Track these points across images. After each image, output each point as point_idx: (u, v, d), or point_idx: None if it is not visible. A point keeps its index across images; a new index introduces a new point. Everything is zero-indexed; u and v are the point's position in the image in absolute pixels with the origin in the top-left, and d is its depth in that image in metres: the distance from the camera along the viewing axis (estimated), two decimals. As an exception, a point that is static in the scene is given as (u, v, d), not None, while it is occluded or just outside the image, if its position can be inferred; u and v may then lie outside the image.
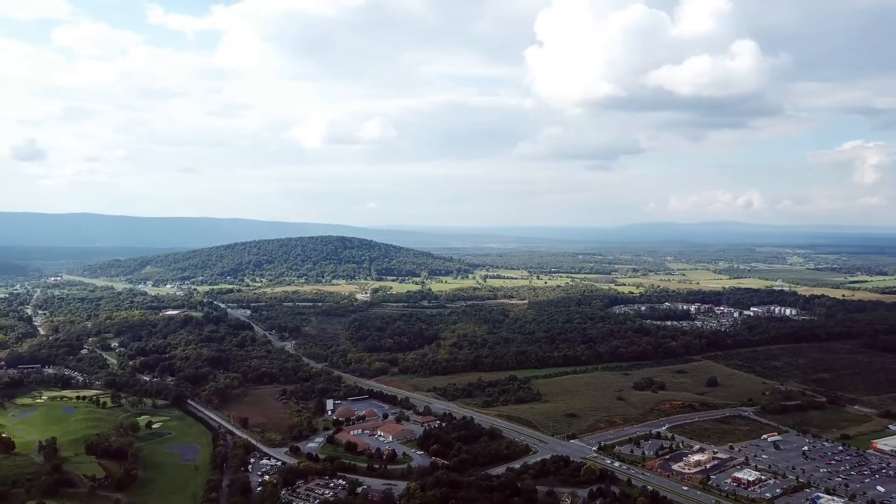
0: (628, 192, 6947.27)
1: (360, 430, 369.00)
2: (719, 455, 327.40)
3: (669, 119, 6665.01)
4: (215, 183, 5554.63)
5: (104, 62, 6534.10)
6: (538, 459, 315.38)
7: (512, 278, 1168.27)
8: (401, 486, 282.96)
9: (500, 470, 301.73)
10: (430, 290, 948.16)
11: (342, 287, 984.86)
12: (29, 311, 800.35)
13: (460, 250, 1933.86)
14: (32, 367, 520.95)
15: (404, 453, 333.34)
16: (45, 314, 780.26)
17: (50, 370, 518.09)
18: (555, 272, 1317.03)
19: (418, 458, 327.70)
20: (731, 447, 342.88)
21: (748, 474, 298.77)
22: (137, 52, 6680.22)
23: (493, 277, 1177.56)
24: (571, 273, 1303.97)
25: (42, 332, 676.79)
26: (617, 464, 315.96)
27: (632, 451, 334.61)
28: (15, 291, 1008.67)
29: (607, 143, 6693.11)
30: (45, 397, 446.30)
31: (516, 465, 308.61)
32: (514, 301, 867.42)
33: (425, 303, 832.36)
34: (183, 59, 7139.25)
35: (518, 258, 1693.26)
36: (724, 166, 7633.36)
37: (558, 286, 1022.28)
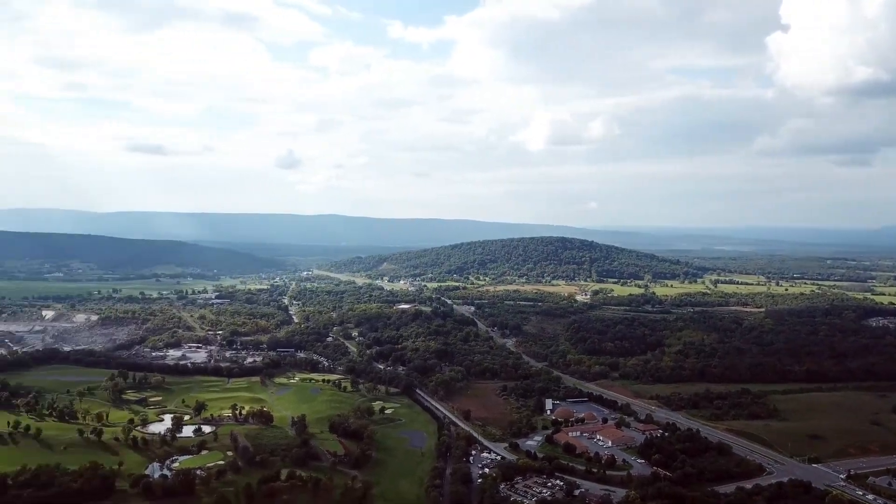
0: (892, 189, 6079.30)
1: (578, 433, 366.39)
2: None
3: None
4: (445, 186, 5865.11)
5: (350, 77, 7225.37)
6: (773, 482, 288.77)
7: (746, 284, 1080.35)
8: (619, 492, 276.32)
9: (728, 489, 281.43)
10: (653, 293, 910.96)
11: (562, 288, 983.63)
12: (286, 302, 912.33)
13: (688, 252, 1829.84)
14: (288, 351, 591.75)
15: (624, 460, 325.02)
16: (298, 304, 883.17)
17: (302, 354, 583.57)
18: (797, 278, 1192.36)
19: (639, 466, 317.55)
20: None
21: None
22: (379, 66, 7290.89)
23: (725, 282, 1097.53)
24: (818, 280, 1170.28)
25: (296, 320, 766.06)
26: (871, 496, 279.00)
27: (890, 485, 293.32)
28: (275, 284, 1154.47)
29: (866, 134, 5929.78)
30: (297, 378, 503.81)
31: (747, 485, 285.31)
32: (748, 308, 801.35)
33: (648, 307, 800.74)
34: (418, 70, 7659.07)
35: (754, 262, 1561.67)
36: None
37: (801, 294, 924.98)
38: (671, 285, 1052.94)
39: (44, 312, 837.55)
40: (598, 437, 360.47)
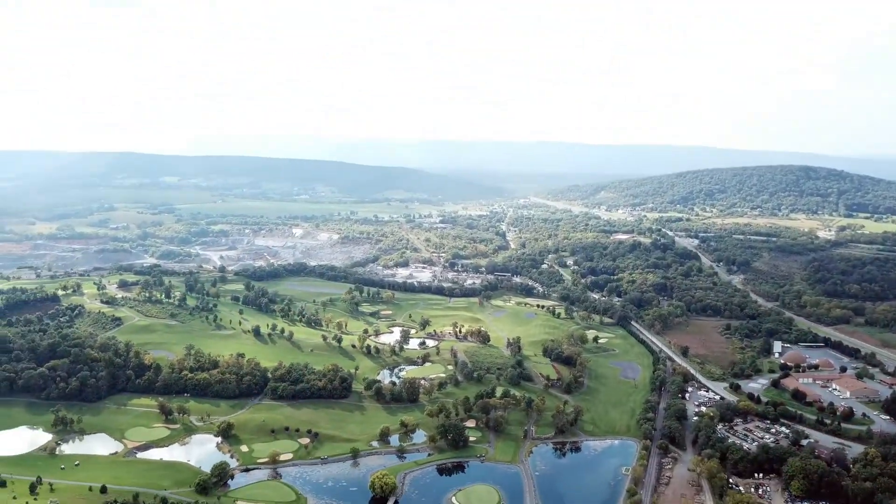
0: None
1: (810, 380, 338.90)
2: None
3: None
4: (670, 109, 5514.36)
5: None
6: None
7: None
8: (855, 448, 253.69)
9: None
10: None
11: (801, 222, 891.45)
12: (503, 228, 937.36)
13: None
14: (504, 275, 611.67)
15: (864, 414, 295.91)
16: (515, 231, 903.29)
17: (517, 279, 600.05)
18: None
19: (882, 422, 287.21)
20: None
21: None
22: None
23: None
24: None
25: (513, 246, 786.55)
26: None
27: None
28: (494, 210, 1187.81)
29: None
30: (513, 302, 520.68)
31: None
32: None
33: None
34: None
35: None
36: None
37: None
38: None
39: (294, 230, 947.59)
40: (833, 386, 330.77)
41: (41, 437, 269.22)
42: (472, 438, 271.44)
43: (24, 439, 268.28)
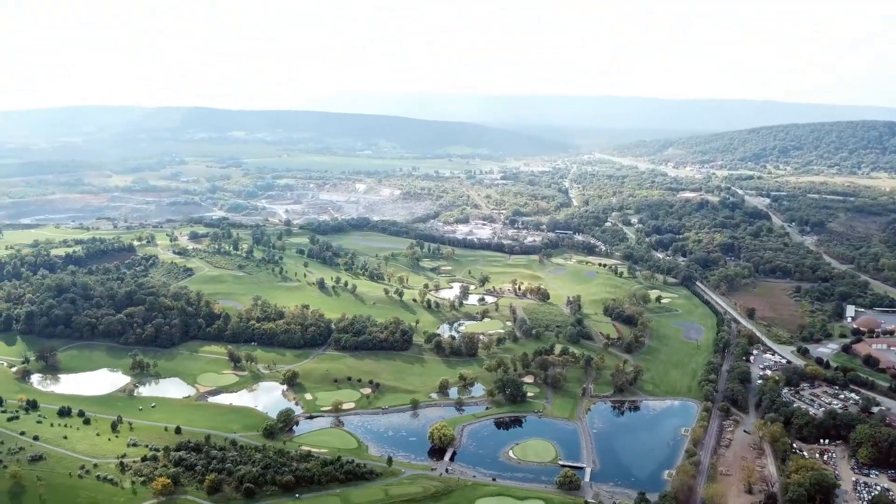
0: None
1: (885, 346, 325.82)
2: None
3: None
4: (743, 62, 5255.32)
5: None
6: None
7: None
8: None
9: None
10: None
11: (883, 182, 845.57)
12: (566, 184, 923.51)
13: None
14: (566, 233, 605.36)
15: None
16: (578, 188, 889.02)
17: (579, 237, 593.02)
18: None
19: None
20: None
21: None
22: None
23: None
24: None
25: (575, 203, 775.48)
26: None
27: None
28: (556, 166, 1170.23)
29: None
30: (573, 260, 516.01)
31: None
32: None
33: None
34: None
35: None
36: None
37: None
38: None
39: (357, 185, 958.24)
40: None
41: (120, 380, 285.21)
42: (529, 394, 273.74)
43: (105, 381, 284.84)
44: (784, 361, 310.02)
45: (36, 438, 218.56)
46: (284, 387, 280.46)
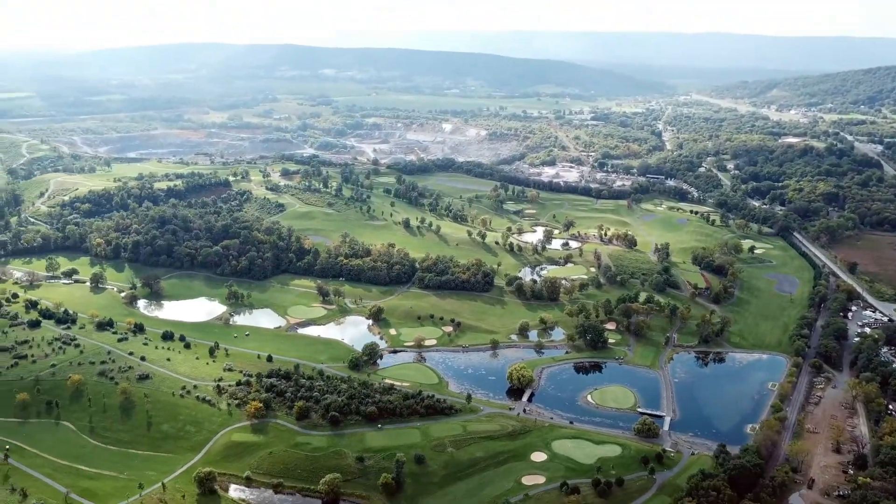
0: None
1: None
2: None
3: None
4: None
5: None
6: None
7: None
8: None
9: None
10: None
11: None
12: (660, 127, 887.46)
13: None
14: (657, 178, 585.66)
15: None
16: (672, 130, 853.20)
17: (671, 182, 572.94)
18: None
19: None
20: None
21: None
22: None
23: None
24: None
25: (668, 146, 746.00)
26: None
27: None
28: (651, 107, 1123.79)
29: None
30: (664, 206, 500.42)
31: None
32: None
33: None
34: None
35: None
36: None
37: None
38: None
39: (443, 125, 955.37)
40: None
41: (217, 308, 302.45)
42: (611, 341, 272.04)
43: (203, 309, 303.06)
44: (886, 319, 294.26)
45: (143, 359, 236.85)
46: (370, 321, 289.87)
